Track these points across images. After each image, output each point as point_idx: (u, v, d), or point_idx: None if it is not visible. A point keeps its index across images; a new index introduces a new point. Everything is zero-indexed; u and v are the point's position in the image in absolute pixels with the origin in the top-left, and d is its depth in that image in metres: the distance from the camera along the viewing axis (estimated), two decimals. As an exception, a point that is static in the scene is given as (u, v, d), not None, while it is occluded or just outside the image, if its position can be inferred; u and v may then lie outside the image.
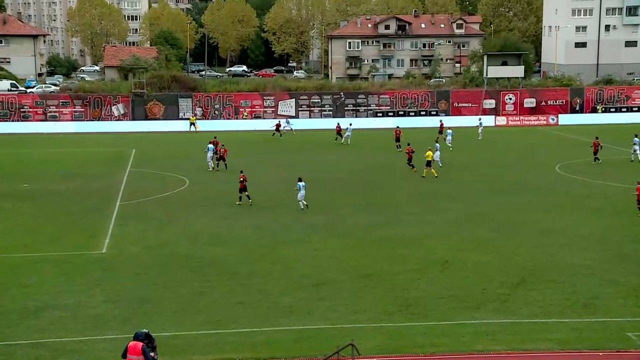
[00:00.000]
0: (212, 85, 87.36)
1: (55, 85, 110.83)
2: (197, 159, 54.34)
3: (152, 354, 17.04)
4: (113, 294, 25.33)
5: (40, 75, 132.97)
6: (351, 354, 18.27)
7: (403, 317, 22.97)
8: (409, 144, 51.02)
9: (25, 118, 75.92)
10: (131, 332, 20.06)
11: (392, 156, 56.13)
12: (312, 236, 32.89)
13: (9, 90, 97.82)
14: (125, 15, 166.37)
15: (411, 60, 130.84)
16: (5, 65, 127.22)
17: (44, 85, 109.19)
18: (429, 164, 47.32)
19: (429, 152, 47.82)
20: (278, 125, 70.96)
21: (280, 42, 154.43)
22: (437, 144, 51.78)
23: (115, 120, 77.20)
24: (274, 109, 79.19)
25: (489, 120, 77.10)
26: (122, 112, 77.61)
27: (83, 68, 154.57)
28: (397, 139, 60.38)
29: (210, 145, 51.50)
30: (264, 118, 78.29)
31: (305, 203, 38.32)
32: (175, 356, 19.88)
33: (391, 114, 79.85)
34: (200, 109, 78.43)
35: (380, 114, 79.85)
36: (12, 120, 75.32)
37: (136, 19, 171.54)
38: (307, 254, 30.07)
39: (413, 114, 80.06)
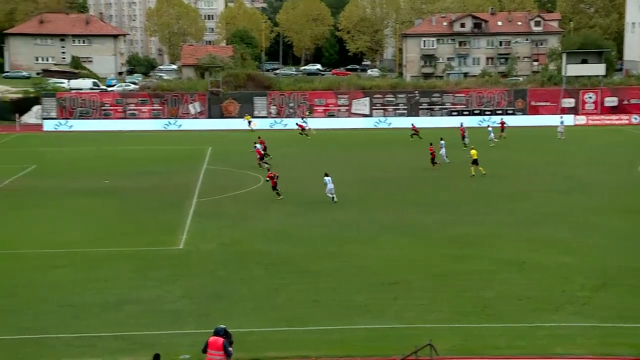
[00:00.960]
0: (286, 83, 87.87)
1: (134, 84, 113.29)
2: (272, 157, 54.72)
3: (230, 348, 17.24)
4: (190, 289, 25.73)
5: (120, 74, 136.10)
6: (429, 354, 18.10)
7: (479, 318, 22.64)
8: (431, 144, 51.38)
9: (106, 116, 77.85)
10: (208, 328, 20.35)
11: (458, 154, 55.20)
12: (380, 234, 32.76)
13: (91, 89, 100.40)
14: (202, 15, 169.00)
15: (487, 58, 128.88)
16: (87, 65, 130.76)
17: (123, 84, 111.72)
18: (475, 162, 47.21)
19: (474, 151, 47.89)
20: (301, 126, 70.91)
21: (354, 40, 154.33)
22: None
23: (192, 118, 78.44)
24: (347, 108, 79.18)
25: (567, 120, 75.33)
26: (198, 110, 78.85)
27: (161, 67, 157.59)
28: (463, 137, 59.77)
29: (258, 145, 52.70)
30: (338, 116, 78.34)
31: (331, 196, 39.52)
32: (251, 352, 20.05)
33: (466, 112, 78.86)
34: (275, 107, 79.02)
35: (456, 113, 78.94)
36: (94, 118, 77.32)
37: (212, 19, 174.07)
38: (376, 252, 29.96)
39: (489, 112, 78.88)
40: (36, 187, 44.90)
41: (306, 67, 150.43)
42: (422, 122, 73.53)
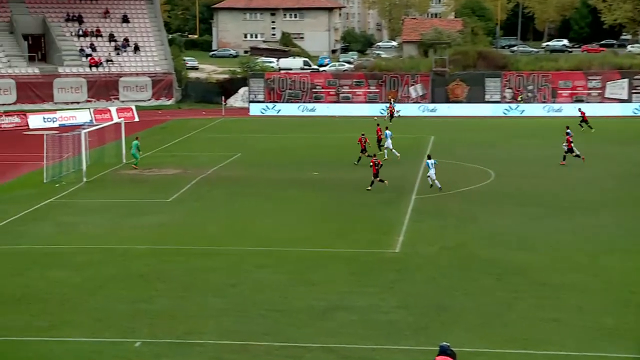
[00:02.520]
0: (525, 62, 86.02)
1: (348, 63, 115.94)
2: (503, 149, 53.98)
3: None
4: (407, 298, 25.96)
5: (333, 52, 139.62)
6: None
7: None
8: None
9: (317, 99, 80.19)
10: (427, 344, 20.47)
11: None
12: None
13: (301, 69, 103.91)
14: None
15: None
16: (298, 42, 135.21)
17: (337, 63, 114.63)
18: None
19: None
20: (392, 110, 71.54)
21: (611, 10, 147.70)
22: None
23: (413, 102, 78.87)
24: (600, 91, 76.06)
25: None
26: (420, 93, 79.17)
27: (379, 44, 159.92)
28: None
29: (388, 132, 52.70)
30: (588, 102, 75.46)
31: (430, 181, 41.55)
32: (475, 376, 19.89)
33: None
34: (510, 90, 77.63)
35: None
36: (304, 102, 79.94)
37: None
38: (634, 265, 28.57)
39: None
40: (240, 177, 47.20)
41: (549, 43, 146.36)
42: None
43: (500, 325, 23.50)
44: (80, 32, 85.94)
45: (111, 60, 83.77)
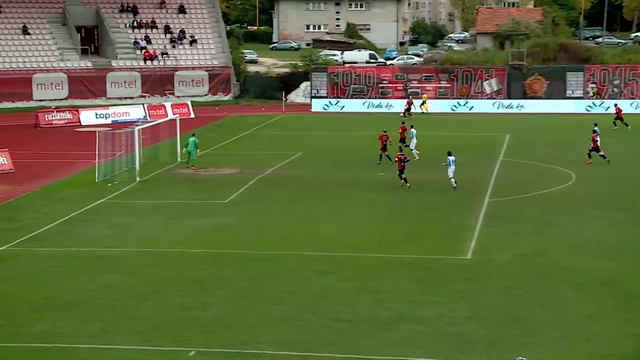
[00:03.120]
0: (611, 55, 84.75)
1: (417, 56, 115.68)
2: (586, 149, 53.17)
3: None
4: (479, 309, 25.80)
5: (401, 44, 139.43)
6: None
7: None
8: None
9: (383, 95, 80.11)
10: (500, 358, 20.31)
11: None
12: None
13: (367, 63, 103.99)
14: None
15: None
16: (364, 33, 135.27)
17: (405, 56, 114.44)
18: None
19: None
20: (409, 104, 72.14)
21: None
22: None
23: (487, 98, 78.28)
24: (692, 87, 74.58)
25: None
26: (495, 88, 78.53)
27: (451, 35, 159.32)
28: None
29: (413, 130, 52.60)
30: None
31: (454, 180, 42.39)
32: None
33: None
34: (594, 85, 76.53)
35: None
36: (369, 97, 79.91)
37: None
38: None
39: None
40: (301, 177, 47.36)
41: (638, 34, 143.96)
42: None
43: (582, 340, 23.20)
44: (135, 24, 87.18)
45: (166, 54, 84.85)
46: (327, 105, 78.98)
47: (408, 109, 72.40)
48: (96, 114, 72.03)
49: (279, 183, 45.99)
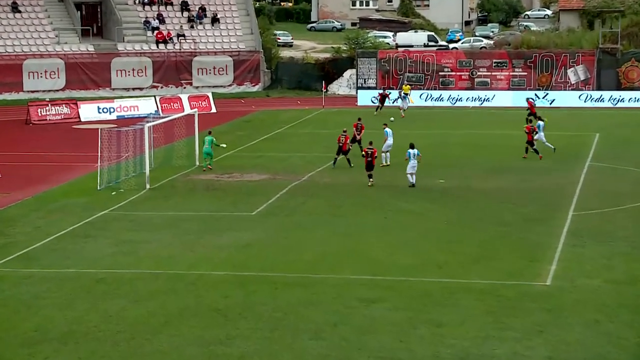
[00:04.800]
0: None
1: (487, 38, 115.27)
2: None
3: None
4: (561, 347, 25.62)
5: (467, 24, 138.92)
6: None
7: None
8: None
9: (444, 85, 79.92)
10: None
11: None
12: None
13: (425, 46, 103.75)
14: None
15: None
16: (421, 11, 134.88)
17: (472, 39, 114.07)
18: None
19: None
20: (383, 97, 71.45)
21: None
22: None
23: (572, 89, 77.91)
24: None
25: None
26: (582, 77, 78.09)
27: (528, 13, 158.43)
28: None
29: (388, 130, 52.46)
30: None
31: (412, 177, 45.65)
32: None
33: None
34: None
35: None
36: (427, 88, 79.76)
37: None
38: None
39: None
40: (345, 184, 47.33)
41: None
42: None
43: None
44: (146, 0, 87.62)
45: (183, 36, 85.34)
46: (376, 98, 78.98)
47: (382, 103, 71.90)
48: (98, 108, 72.54)
49: (317, 192, 46.02)
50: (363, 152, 46.51)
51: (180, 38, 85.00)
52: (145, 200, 44.84)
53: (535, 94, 76.05)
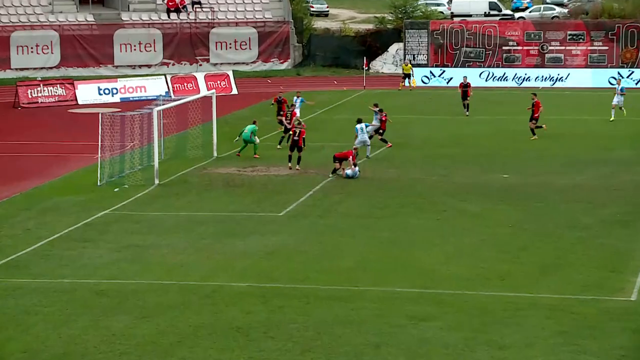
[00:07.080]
0: None
1: (560, 5, 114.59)
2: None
3: None
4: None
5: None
6: None
7: None
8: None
9: (509, 62, 79.63)
10: None
11: None
12: None
13: (486, 15, 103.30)
14: None
15: None
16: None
17: (542, 7, 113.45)
18: None
19: None
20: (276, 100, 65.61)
21: None
22: None
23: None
24: None
25: None
26: (673, 53, 77.84)
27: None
28: None
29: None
30: None
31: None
32: None
33: None
34: None
35: None
36: (489, 66, 79.49)
37: None
38: None
39: None
40: (389, 180, 47.47)
41: None
42: None
43: None
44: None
45: (199, 3, 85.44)
46: (427, 77, 78.95)
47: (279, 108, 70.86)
48: (99, 89, 72.88)
49: (356, 188, 46.00)
50: (291, 131, 48.50)
51: (195, 6, 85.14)
52: (154, 198, 45.00)
53: (619, 73, 75.69)
